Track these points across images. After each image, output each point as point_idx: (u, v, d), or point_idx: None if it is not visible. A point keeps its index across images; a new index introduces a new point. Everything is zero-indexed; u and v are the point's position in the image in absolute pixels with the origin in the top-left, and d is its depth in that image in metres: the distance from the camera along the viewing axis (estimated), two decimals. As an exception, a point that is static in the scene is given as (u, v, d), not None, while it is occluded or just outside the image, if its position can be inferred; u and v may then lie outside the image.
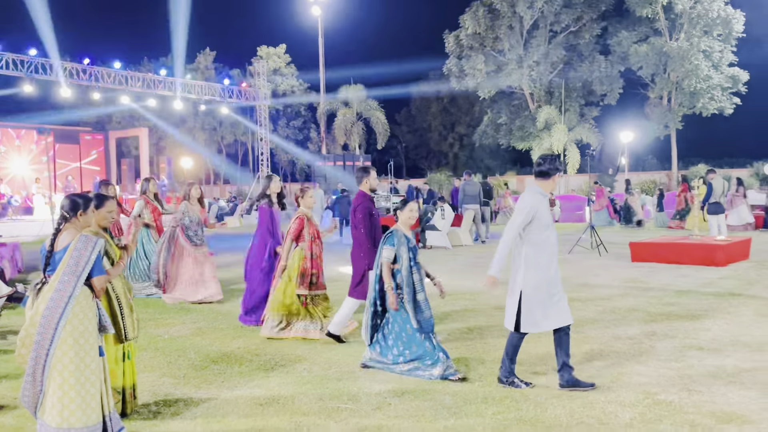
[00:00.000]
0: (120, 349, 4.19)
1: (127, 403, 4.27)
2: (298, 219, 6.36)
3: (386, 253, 5.06)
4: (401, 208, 5.19)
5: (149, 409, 4.43)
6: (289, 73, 43.84)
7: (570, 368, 4.58)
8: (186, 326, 7.08)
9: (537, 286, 4.52)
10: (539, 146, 32.20)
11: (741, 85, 30.47)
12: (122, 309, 4.12)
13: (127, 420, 4.16)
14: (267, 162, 31.54)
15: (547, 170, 4.66)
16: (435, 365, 4.92)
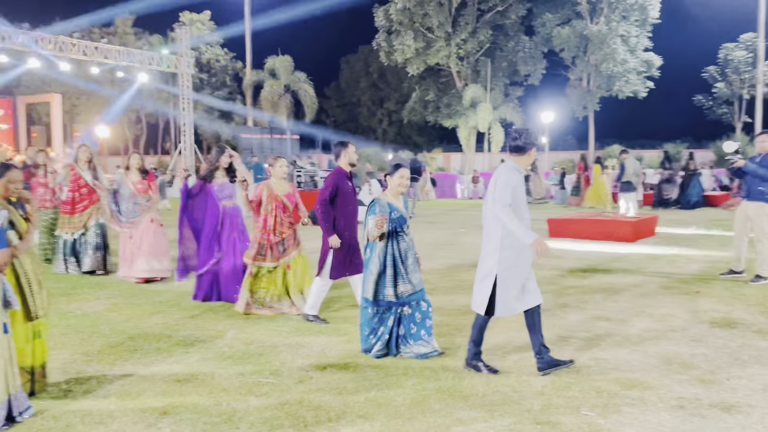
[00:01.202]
0: (30, 328, 3.99)
1: (36, 382, 4.09)
2: (260, 186, 6.30)
3: (370, 222, 4.81)
4: (391, 173, 4.92)
5: (59, 388, 4.26)
6: (214, 42, 42.35)
7: (547, 349, 4.47)
8: (101, 302, 6.82)
9: (512, 268, 4.35)
10: (465, 124, 32.72)
11: (654, 70, 31.96)
12: (31, 285, 3.92)
13: (35, 399, 3.99)
14: (190, 133, 30.50)
15: (522, 145, 4.40)
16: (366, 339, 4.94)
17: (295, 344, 5.25)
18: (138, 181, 8.11)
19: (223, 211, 6.77)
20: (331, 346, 5.20)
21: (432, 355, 4.81)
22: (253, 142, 30.29)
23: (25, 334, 3.96)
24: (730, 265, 7.96)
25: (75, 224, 8.46)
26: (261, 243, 6.17)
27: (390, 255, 4.79)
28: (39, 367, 4.11)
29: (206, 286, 6.74)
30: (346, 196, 5.70)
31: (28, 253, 3.98)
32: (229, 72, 43.16)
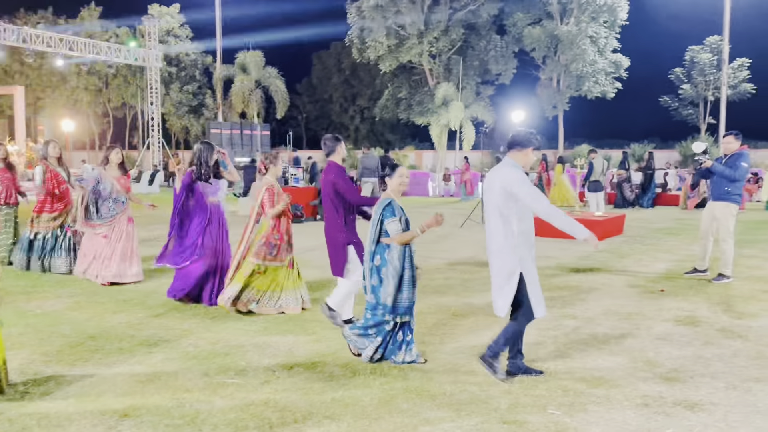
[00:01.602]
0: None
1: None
2: (267, 190, 5.99)
3: (393, 226, 4.53)
4: (390, 174, 4.69)
5: (16, 390, 4.12)
6: (184, 35, 41.69)
7: (522, 355, 4.45)
8: (62, 300, 6.63)
9: (531, 265, 4.27)
10: (437, 122, 32.82)
11: (622, 71, 32.48)
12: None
13: (-11, 402, 3.84)
14: (158, 127, 29.99)
15: (521, 141, 4.32)
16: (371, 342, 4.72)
17: (262, 344, 5.17)
18: (119, 177, 7.64)
19: (210, 208, 6.57)
20: (299, 345, 5.14)
21: (418, 362, 4.67)
22: (223, 137, 29.91)
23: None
24: (694, 264, 8.11)
25: (48, 224, 8.09)
26: (273, 243, 6.00)
27: (408, 257, 4.63)
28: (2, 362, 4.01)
29: (183, 284, 6.49)
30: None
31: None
32: (198, 66, 42.55)
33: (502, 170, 4.32)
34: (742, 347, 5.05)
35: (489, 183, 4.37)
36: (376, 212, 4.64)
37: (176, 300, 6.48)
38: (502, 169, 4.33)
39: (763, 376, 4.38)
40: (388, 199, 4.64)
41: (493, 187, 4.30)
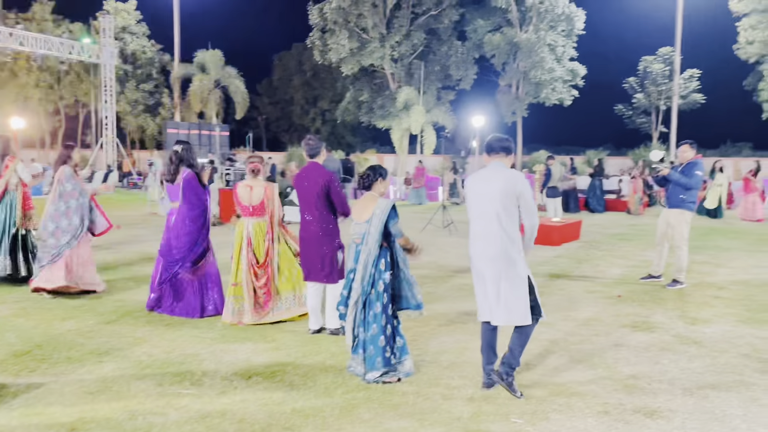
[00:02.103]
0: None
1: None
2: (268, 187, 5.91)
3: (399, 228, 4.47)
4: (380, 178, 4.65)
5: (-47, 404, 3.88)
6: (140, 32, 40.70)
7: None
8: (7, 305, 6.33)
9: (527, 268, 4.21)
10: (399, 126, 32.86)
11: (579, 79, 33.15)
12: None
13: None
14: (112, 126, 29.19)
15: (509, 147, 4.28)
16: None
17: (219, 351, 5.03)
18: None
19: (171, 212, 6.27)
20: (257, 353, 5.01)
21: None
22: (180, 137, 29.29)
23: None
24: (649, 270, 8.27)
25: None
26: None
27: (403, 259, 4.54)
28: None
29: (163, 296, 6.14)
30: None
31: None
32: (155, 64, 41.61)
33: (504, 173, 4.15)
34: (697, 353, 5.14)
35: (483, 187, 4.17)
36: (380, 215, 4.44)
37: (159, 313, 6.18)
38: (503, 172, 4.15)
39: (719, 383, 4.47)
40: (392, 201, 4.57)
41: (490, 190, 4.11)
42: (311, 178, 5.33)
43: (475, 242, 4.21)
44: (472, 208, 4.24)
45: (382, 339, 4.38)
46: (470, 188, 4.25)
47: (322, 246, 5.31)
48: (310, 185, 5.32)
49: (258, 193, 5.77)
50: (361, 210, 4.53)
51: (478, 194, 4.21)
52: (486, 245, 4.14)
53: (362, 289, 4.40)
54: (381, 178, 4.65)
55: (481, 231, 4.17)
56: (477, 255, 4.19)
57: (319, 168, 5.37)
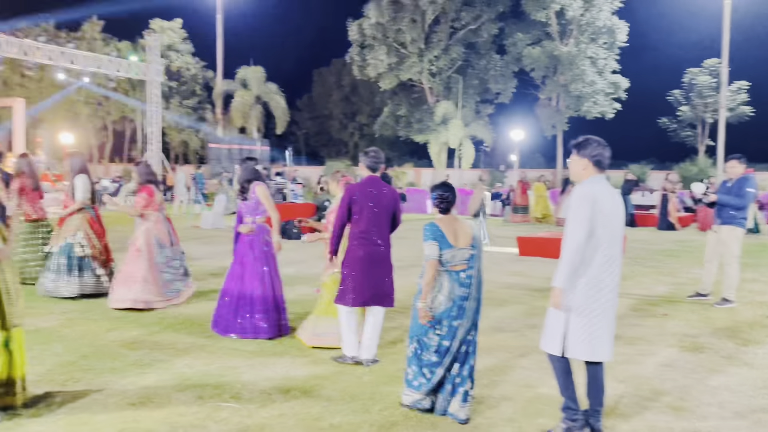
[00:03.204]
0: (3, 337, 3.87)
1: (17, 395, 3.95)
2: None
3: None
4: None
5: (4, 409, 3.98)
6: (185, 50, 41.84)
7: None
8: (55, 316, 6.50)
9: None
10: (436, 140, 32.88)
11: (621, 92, 32.62)
12: (9, 292, 3.88)
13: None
14: (157, 141, 29.96)
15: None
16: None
17: (257, 365, 5.05)
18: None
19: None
20: (295, 367, 5.02)
21: None
22: (222, 152, 29.89)
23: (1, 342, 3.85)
24: (697, 288, 8.01)
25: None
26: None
27: None
28: (18, 379, 3.96)
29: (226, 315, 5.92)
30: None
31: (6, 261, 3.94)
32: (199, 81, 42.64)
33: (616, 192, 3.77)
34: (749, 375, 4.94)
35: (613, 205, 3.66)
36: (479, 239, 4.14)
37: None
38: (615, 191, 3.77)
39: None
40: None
41: (620, 211, 3.70)
42: (382, 194, 4.98)
43: (607, 271, 3.63)
44: (605, 229, 3.58)
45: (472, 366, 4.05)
46: (600, 206, 3.59)
47: (389, 266, 5.04)
48: (382, 201, 4.96)
49: None
50: (459, 233, 4.03)
51: (611, 213, 3.63)
52: (616, 274, 3.69)
53: (472, 319, 4.01)
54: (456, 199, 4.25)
55: (614, 257, 3.65)
56: (609, 286, 3.65)
57: (383, 183, 5.07)
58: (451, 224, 4.05)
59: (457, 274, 3.99)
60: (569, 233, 3.59)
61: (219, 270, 9.51)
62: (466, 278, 4.00)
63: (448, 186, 4.19)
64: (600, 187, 3.68)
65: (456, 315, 3.97)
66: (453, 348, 3.95)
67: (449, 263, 3.97)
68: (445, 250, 3.96)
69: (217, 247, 12.06)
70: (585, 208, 3.56)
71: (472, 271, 4.01)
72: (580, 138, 3.85)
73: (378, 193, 4.96)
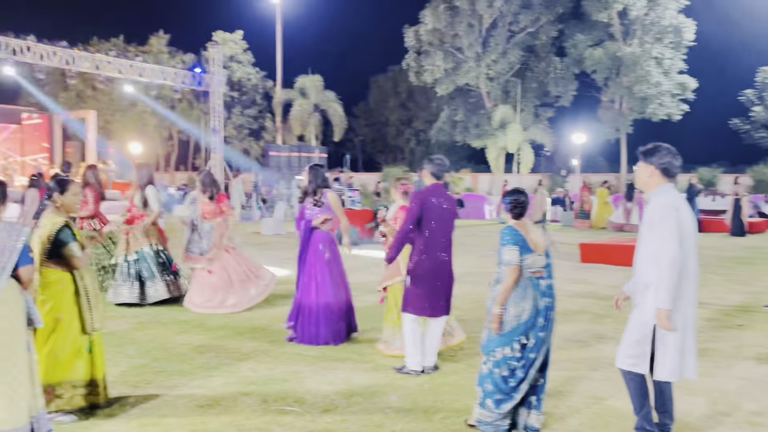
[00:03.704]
0: (85, 341, 4.11)
1: (100, 395, 4.20)
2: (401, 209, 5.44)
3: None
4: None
5: (81, 410, 4.16)
6: (246, 61, 42.94)
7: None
8: (126, 320, 6.76)
9: None
10: (494, 144, 32.53)
11: (689, 92, 31.43)
12: (89, 298, 4.09)
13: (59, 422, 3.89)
14: (220, 150, 30.86)
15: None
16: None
17: (320, 370, 5.11)
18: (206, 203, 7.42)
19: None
20: (357, 372, 5.04)
21: None
22: (281, 159, 30.47)
23: (79, 347, 4.08)
24: (774, 297, 7.61)
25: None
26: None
27: None
28: (100, 380, 4.20)
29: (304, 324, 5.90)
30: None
31: (86, 268, 4.17)
32: (259, 90, 43.68)
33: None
34: (835, 391, 4.65)
35: (691, 215, 3.55)
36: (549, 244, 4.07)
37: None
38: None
39: None
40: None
41: (694, 220, 3.58)
42: (448, 203, 4.92)
43: (692, 284, 3.50)
44: (686, 240, 3.45)
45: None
46: (683, 215, 3.47)
47: (452, 277, 4.99)
48: (449, 210, 4.89)
49: None
50: (537, 239, 3.92)
51: (689, 223, 3.50)
52: (696, 287, 3.55)
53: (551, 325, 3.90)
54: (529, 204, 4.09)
55: (696, 269, 3.51)
56: (693, 301, 3.53)
57: (444, 189, 5.03)
58: (526, 230, 3.92)
59: (538, 282, 3.84)
60: (663, 249, 3.38)
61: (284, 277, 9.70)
62: (546, 287, 3.85)
63: (521, 191, 4.03)
64: (676, 195, 3.55)
65: (543, 326, 3.80)
66: (538, 361, 3.80)
67: (530, 269, 3.82)
68: (526, 255, 3.81)
69: (278, 253, 12.28)
70: (671, 219, 3.40)
71: (551, 280, 3.88)
72: (650, 145, 3.70)
73: (443, 202, 4.89)
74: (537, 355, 3.79)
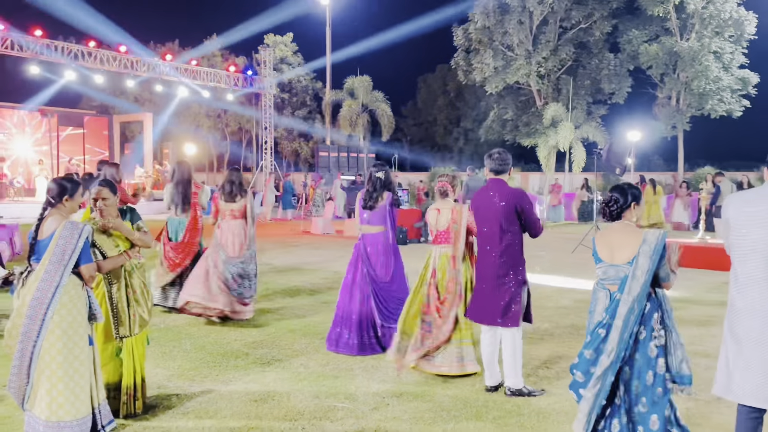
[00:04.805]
0: (112, 345, 4.01)
1: (122, 404, 4.02)
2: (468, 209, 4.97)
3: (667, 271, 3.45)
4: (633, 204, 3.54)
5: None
6: (296, 62, 43.57)
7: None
8: (182, 316, 6.94)
9: None
10: (545, 143, 31.98)
11: (751, 88, 30.18)
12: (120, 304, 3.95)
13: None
14: (271, 151, 31.40)
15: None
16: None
17: (370, 367, 5.15)
18: None
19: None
20: (407, 372, 5.04)
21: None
22: (330, 160, 30.78)
23: (110, 351, 4.02)
24: None
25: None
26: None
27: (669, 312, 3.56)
28: (125, 387, 4.03)
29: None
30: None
31: (137, 271, 4.03)
32: (309, 92, 44.25)
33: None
34: None
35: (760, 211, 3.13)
36: (649, 253, 3.30)
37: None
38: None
39: None
40: (665, 234, 3.41)
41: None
42: (496, 198, 4.51)
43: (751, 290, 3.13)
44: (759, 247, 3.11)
45: (655, 420, 3.22)
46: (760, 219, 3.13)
47: (504, 280, 4.46)
48: (495, 206, 4.49)
49: (445, 216, 5.04)
50: (616, 246, 3.44)
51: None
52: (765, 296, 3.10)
53: (618, 352, 3.24)
54: (636, 202, 3.53)
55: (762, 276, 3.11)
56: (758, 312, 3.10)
57: (503, 185, 4.58)
58: (613, 235, 3.48)
59: (610, 294, 3.43)
60: None
61: (334, 276, 9.81)
62: (610, 302, 3.40)
63: (621, 189, 3.56)
64: (750, 194, 3.29)
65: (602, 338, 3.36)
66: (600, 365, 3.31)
67: (603, 281, 3.47)
68: (598, 264, 3.50)
69: (328, 252, 12.41)
70: None
71: (620, 294, 3.32)
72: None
73: (493, 197, 4.52)
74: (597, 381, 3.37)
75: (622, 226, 3.49)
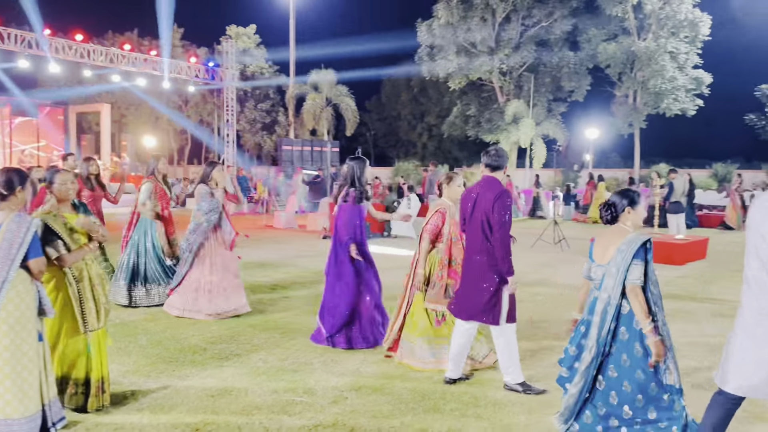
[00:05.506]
0: (81, 340, 3.94)
1: (92, 397, 3.98)
2: (437, 212, 5.03)
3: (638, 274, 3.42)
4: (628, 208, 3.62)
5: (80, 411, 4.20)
6: (259, 55, 43.04)
7: None
8: (138, 311, 6.83)
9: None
10: (507, 139, 32.38)
11: (704, 88, 31.09)
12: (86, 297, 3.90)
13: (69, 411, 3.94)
14: (233, 144, 30.99)
15: None
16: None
17: (329, 361, 5.14)
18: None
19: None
20: (366, 364, 5.07)
21: None
22: (294, 153, 30.55)
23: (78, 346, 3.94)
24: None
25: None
26: (449, 282, 4.92)
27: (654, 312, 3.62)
28: (96, 381, 3.99)
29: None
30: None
31: (95, 264, 4.01)
32: (272, 85, 43.79)
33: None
34: None
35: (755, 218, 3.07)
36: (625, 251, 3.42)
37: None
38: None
39: None
40: (645, 237, 3.47)
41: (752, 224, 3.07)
42: (480, 197, 4.43)
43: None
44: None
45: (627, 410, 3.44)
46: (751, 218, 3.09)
47: (487, 279, 4.37)
48: (480, 203, 4.42)
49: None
50: (604, 248, 3.59)
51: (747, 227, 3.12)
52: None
53: (597, 348, 3.44)
54: (631, 206, 3.61)
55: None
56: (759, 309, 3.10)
57: (493, 182, 4.47)
58: (605, 238, 3.63)
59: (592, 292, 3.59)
60: None
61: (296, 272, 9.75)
62: (591, 301, 3.56)
63: (621, 193, 3.68)
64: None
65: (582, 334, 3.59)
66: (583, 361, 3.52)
67: (594, 281, 3.62)
68: (591, 264, 3.65)
69: (291, 247, 12.33)
70: None
71: (597, 292, 3.49)
72: None
73: (478, 195, 4.45)
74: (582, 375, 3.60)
75: (616, 229, 3.65)
